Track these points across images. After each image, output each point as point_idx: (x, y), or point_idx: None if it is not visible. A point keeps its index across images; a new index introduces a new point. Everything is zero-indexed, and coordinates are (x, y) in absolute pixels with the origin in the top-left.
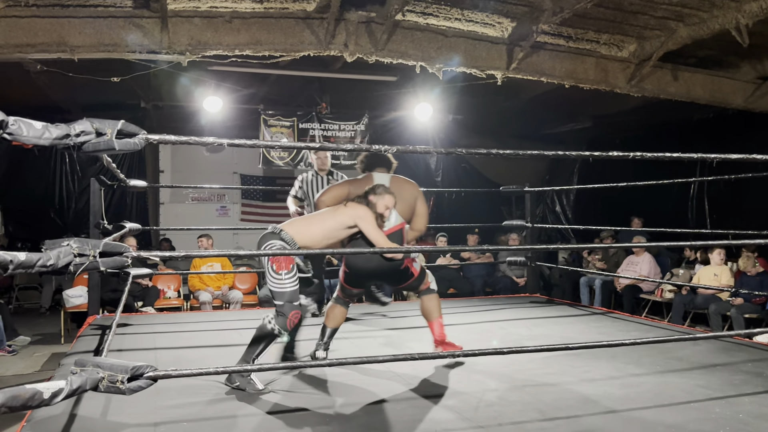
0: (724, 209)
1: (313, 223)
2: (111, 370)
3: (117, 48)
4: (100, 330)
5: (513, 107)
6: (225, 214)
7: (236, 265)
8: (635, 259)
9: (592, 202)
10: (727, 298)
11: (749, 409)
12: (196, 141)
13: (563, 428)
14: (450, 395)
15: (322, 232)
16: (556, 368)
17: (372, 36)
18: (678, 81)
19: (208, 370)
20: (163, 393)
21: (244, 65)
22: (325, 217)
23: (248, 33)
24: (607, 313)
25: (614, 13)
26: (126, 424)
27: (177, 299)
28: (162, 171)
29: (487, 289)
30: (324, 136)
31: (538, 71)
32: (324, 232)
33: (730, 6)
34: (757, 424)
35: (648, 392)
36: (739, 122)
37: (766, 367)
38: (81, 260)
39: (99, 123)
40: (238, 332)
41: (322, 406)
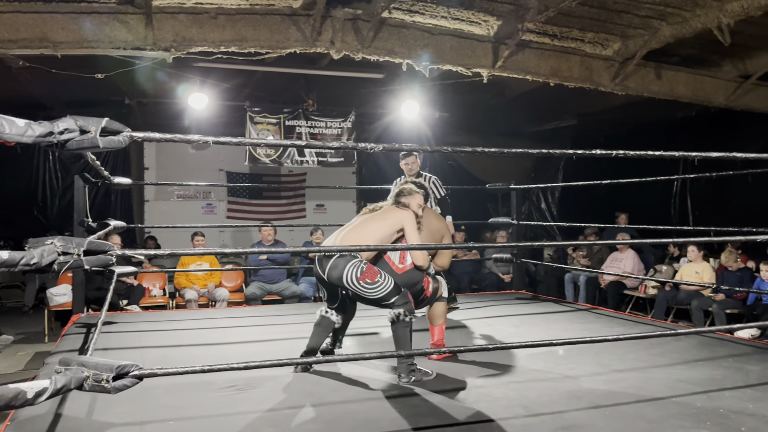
0: (707, 206)
1: (363, 235)
2: (96, 369)
3: (101, 44)
4: (85, 328)
5: (498, 105)
6: (211, 212)
7: (223, 262)
8: (619, 256)
9: (577, 199)
10: (708, 294)
11: (730, 404)
12: (181, 139)
13: (548, 424)
14: (436, 392)
15: (375, 242)
16: (541, 364)
17: (358, 33)
18: (661, 79)
19: (194, 368)
20: (150, 392)
21: (230, 62)
22: (374, 228)
23: (234, 29)
24: (592, 309)
25: (598, 11)
26: (112, 423)
27: (162, 297)
28: (147, 168)
29: (474, 286)
30: (311, 133)
31: (523, 69)
32: (377, 241)
33: (712, 5)
34: (737, 419)
35: (631, 387)
36: (721, 120)
37: (746, 362)
38: (65, 259)
39: (83, 120)
40: (225, 330)
41: (311, 403)
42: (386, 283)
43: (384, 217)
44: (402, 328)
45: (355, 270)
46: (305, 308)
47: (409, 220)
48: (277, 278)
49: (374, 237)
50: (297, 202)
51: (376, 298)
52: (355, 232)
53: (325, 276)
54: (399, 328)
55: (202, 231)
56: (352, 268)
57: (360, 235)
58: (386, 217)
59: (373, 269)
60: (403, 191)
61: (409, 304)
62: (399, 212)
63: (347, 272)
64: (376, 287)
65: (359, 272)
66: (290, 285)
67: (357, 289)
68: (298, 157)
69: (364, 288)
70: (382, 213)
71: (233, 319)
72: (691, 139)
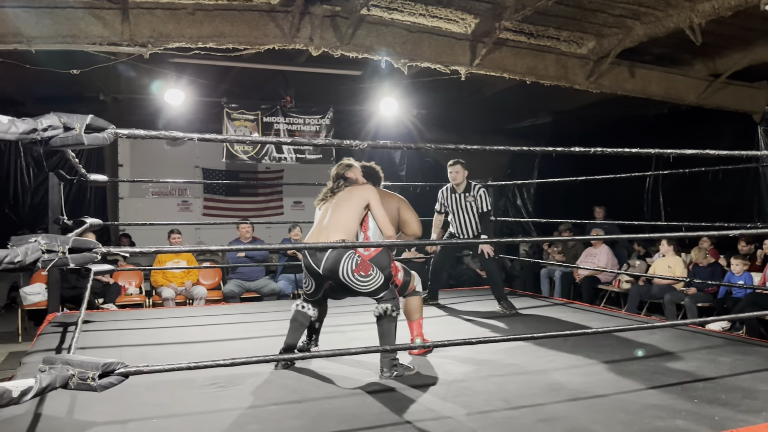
0: (678, 202)
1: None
2: (81, 367)
3: (76, 40)
4: (61, 328)
5: (476, 103)
6: (187, 209)
7: (200, 260)
8: (593, 251)
9: (552, 195)
10: (681, 288)
11: (703, 395)
12: (166, 135)
13: (528, 416)
14: (417, 386)
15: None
16: (520, 358)
17: (337, 30)
18: (635, 78)
19: (180, 365)
20: (131, 390)
21: (207, 58)
22: (347, 211)
23: (211, 25)
24: (567, 303)
25: (574, 10)
26: (94, 422)
27: (139, 296)
28: (121, 165)
29: (452, 282)
30: (289, 130)
31: (500, 67)
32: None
33: (684, 6)
34: (711, 409)
35: (608, 380)
36: (692, 118)
37: (718, 354)
38: (50, 257)
39: (67, 117)
40: (203, 328)
41: (294, 399)
42: (377, 278)
43: (349, 198)
44: (388, 323)
45: (350, 262)
46: (284, 305)
47: (372, 193)
48: (256, 276)
49: (352, 219)
50: (274, 199)
51: (367, 291)
52: (334, 223)
53: (320, 269)
54: (385, 323)
55: (178, 228)
56: (348, 260)
57: (340, 224)
58: (351, 197)
59: (366, 263)
60: (342, 170)
61: (396, 300)
62: (359, 189)
63: (343, 264)
64: (368, 281)
65: (354, 264)
66: (269, 282)
67: (351, 281)
68: (276, 154)
69: (358, 281)
70: (346, 195)
71: (212, 317)
72: (662, 137)
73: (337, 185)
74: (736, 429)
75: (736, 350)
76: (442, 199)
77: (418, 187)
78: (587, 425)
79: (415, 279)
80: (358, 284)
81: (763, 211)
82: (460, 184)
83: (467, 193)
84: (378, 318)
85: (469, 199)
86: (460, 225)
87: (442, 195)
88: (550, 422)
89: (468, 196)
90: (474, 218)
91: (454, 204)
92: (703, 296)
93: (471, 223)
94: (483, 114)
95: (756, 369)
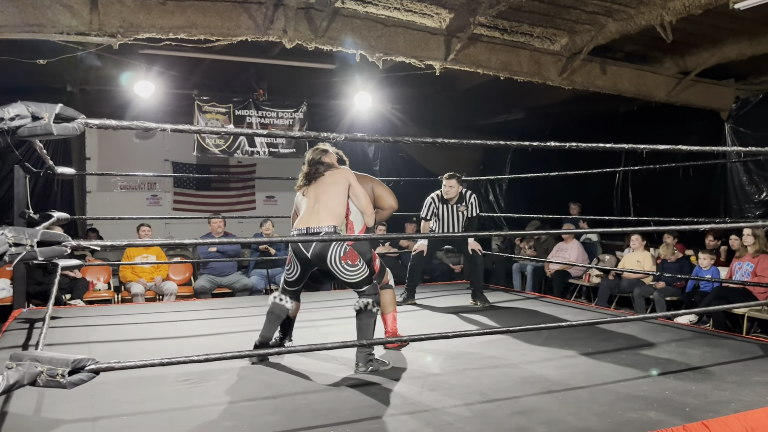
0: (647, 198)
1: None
2: (50, 364)
3: (43, 29)
4: (27, 324)
5: (449, 98)
6: (156, 203)
7: (170, 255)
8: (564, 246)
9: (523, 190)
10: (650, 282)
11: (674, 386)
12: (137, 126)
13: (503, 409)
14: (394, 380)
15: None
16: (495, 351)
17: (311, 23)
18: (606, 74)
19: (151, 362)
20: (100, 387)
21: (178, 49)
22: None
23: (183, 16)
24: (539, 297)
25: (547, 7)
26: (62, 420)
27: (107, 291)
28: (89, 158)
29: (426, 277)
30: (261, 123)
31: (474, 63)
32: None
33: (656, 3)
34: (682, 400)
35: (581, 373)
36: (661, 114)
37: (687, 347)
38: (17, 250)
39: (35, 106)
40: (174, 324)
41: (268, 395)
42: (363, 269)
43: (334, 182)
44: (367, 318)
45: (339, 249)
46: (257, 301)
47: (352, 175)
48: (228, 271)
49: (341, 204)
50: (247, 194)
51: (351, 281)
52: (325, 207)
53: (309, 255)
54: (364, 317)
55: (148, 222)
56: (337, 247)
57: (330, 208)
58: (336, 181)
59: (354, 253)
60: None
61: (377, 296)
62: (341, 172)
63: (332, 251)
64: (354, 271)
65: (342, 252)
66: (241, 278)
67: (338, 268)
68: (249, 148)
69: (345, 269)
70: (330, 179)
71: (183, 313)
72: (633, 133)
73: (316, 170)
74: (707, 420)
75: (704, 343)
76: (434, 207)
77: (392, 182)
78: (561, 417)
79: (388, 273)
80: (344, 273)
81: (730, 207)
82: (450, 197)
83: (459, 203)
84: (357, 312)
85: (461, 209)
86: (444, 231)
87: (433, 203)
88: (525, 414)
89: (460, 206)
90: (460, 228)
91: (444, 214)
92: (672, 290)
93: (456, 230)
94: (457, 109)
95: (724, 361)
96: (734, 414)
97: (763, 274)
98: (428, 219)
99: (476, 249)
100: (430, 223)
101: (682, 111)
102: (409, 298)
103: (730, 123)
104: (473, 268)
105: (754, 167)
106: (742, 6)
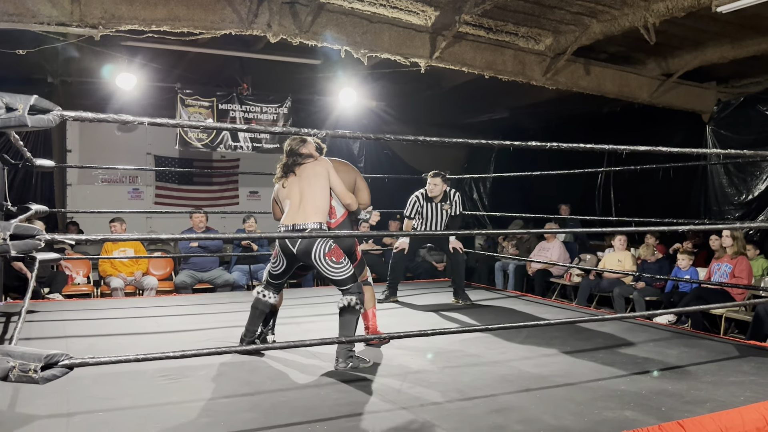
0: (629, 198)
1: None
2: (23, 359)
3: (23, 18)
4: (4, 318)
5: (434, 96)
6: (138, 197)
7: (150, 249)
8: (546, 245)
9: (507, 189)
10: (630, 282)
11: (651, 386)
12: (115, 119)
13: (481, 407)
14: (373, 378)
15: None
16: (475, 349)
17: (296, 17)
18: (590, 75)
19: (127, 357)
20: (76, 382)
21: (161, 41)
22: (317, 187)
23: (166, 8)
24: (520, 296)
25: (533, 6)
26: (37, 415)
27: (86, 285)
28: (69, 150)
29: (408, 274)
30: (245, 118)
31: (459, 61)
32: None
33: (639, 5)
34: (658, 399)
35: (559, 371)
36: (643, 116)
37: (665, 347)
38: None
39: (9, 97)
40: (154, 319)
41: (246, 392)
42: (347, 268)
43: (315, 173)
44: (350, 315)
45: (324, 246)
46: (238, 297)
47: (330, 165)
48: (209, 266)
49: (325, 197)
50: (230, 189)
51: (335, 279)
52: (311, 203)
53: (294, 250)
54: (347, 314)
55: (123, 217)
56: (323, 243)
57: (316, 204)
58: (318, 173)
59: (339, 250)
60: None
61: (362, 294)
62: (321, 163)
63: (317, 247)
64: (339, 268)
65: (327, 249)
66: (222, 273)
67: (322, 265)
68: (232, 142)
69: (329, 266)
70: (312, 170)
71: (163, 308)
72: (615, 134)
73: (294, 161)
74: (682, 419)
75: (682, 343)
76: (418, 205)
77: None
78: (538, 416)
79: (367, 270)
80: (328, 270)
81: (710, 208)
82: (435, 196)
83: (444, 202)
84: (341, 309)
85: (445, 207)
86: (428, 230)
87: (417, 201)
88: (503, 413)
89: (445, 204)
90: (444, 224)
91: (428, 212)
92: (651, 290)
93: (440, 228)
94: (441, 107)
95: (700, 361)
96: (709, 414)
97: (741, 275)
98: (411, 217)
99: (458, 247)
100: (413, 222)
101: (664, 113)
102: (390, 296)
103: (712, 125)
104: (455, 267)
105: (734, 169)
106: (724, 9)
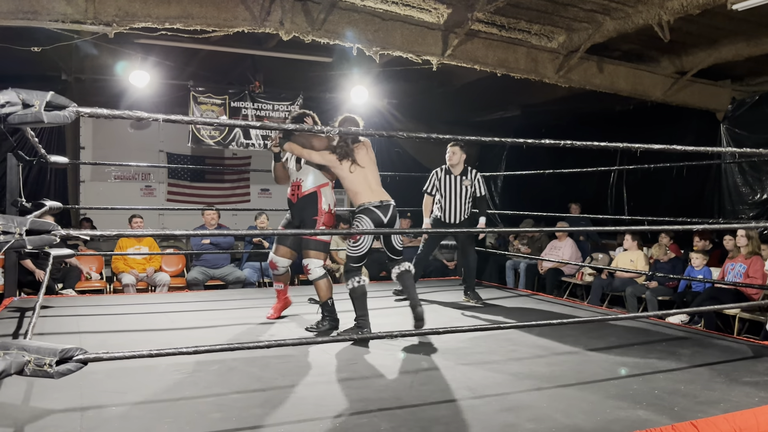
0: (641, 197)
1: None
2: (38, 353)
3: (38, 16)
4: (18, 313)
5: (446, 94)
6: (150, 194)
7: (163, 246)
8: (558, 244)
9: (519, 188)
10: (642, 281)
11: (664, 386)
12: (129, 115)
13: (493, 405)
14: (384, 375)
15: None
16: (485, 348)
17: (309, 15)
18: (603, 73)
19: (141, 352)
20: (90, 377)
21: (174, 39)
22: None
23: (179, 6)
24: (531, 295)
25: (546, 4)
26: (51, 410)
27: (99, 281)
28: (83, 147)
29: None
30: (257, 115)
31: (471, 59)
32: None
33: (653, 2)
34: (670, 399)
35: (571, 370)
36: (657, 114)
37: (678, 346)
38: (5, 238)
39: (26, 94)
40: (166, 315)
41: (258, 387)
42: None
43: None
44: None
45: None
46: (249, 293)
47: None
48: (221, 263)
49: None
50: (241, 186)
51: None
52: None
53: (386, 220)
54: (361, 293)
55: (140, 213)
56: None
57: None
58: (372, 158)
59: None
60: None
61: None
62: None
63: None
64: (356, 246)
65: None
66: (234, 270)
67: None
68: (244, 140)
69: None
70: (367, 153)
71: (175, 304)
72: (628, 132)
73: (346, 142)
74: (695, 419)
75: (695, 343)
76: (435, 180)
77: (387, 177)
78: (550, 414)
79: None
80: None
81: (723, 208)
82: (456, 165)
83: (464, 176)
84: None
85: (465, 183)
86: (449, 208)
87: (435, 176)
88: (514, 411)
89: (465, 179)
90: (464, 203)
91: (447, 186)
92: (664, 290)
93: (460, 207)
94: (453, 105)
95: (714, 361)
96: (723, 414)
97: (756, 275)
98: (431, 193)
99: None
100: (431, 198)
101: (677, 111)
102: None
103: (726, 124)
104: (466, 265)
105: (749, 168)
106: (740, 7)
